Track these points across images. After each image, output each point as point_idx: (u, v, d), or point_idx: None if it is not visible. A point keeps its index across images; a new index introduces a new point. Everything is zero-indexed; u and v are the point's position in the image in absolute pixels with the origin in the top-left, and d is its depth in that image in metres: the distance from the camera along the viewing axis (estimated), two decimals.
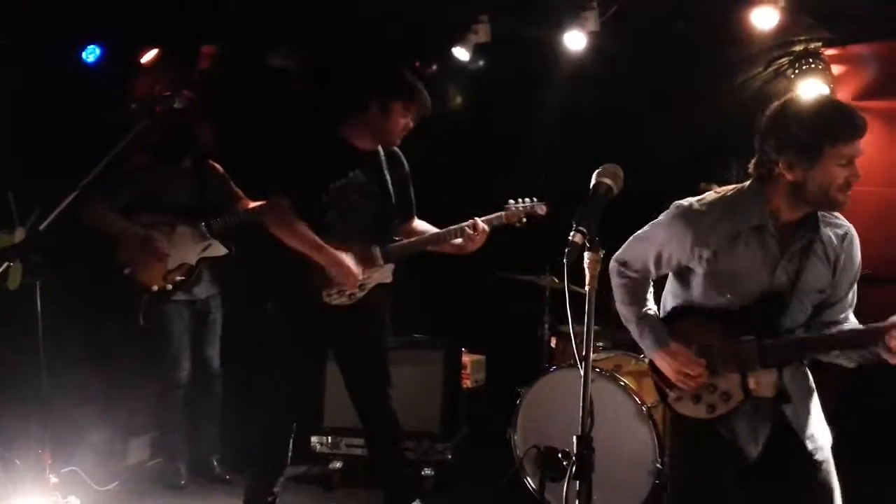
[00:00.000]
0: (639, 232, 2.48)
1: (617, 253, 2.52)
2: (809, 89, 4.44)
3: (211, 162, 4.27)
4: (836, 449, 2.37)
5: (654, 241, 2.41)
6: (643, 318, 2.48)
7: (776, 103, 2.28)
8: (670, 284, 2.51)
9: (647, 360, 3.96)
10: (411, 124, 3.36)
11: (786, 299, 2.30)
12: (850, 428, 2.44)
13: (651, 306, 2.53)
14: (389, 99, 3.27)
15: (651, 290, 2.56)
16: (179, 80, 4.88)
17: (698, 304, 2.39)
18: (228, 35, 4.99)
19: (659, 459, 3.55)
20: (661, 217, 2.43)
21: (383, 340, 3.54)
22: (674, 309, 2.48)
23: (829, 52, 4.58)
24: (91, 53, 5.01)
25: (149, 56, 5.03)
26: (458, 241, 3.39)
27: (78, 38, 4.98)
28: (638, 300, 2.51)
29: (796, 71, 4.55)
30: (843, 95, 4.51)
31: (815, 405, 2.39)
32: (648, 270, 2.47)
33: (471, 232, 3.36)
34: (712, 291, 2.33)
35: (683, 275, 2.43)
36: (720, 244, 2.28)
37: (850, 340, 2.25)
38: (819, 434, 2.35)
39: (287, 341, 3.41)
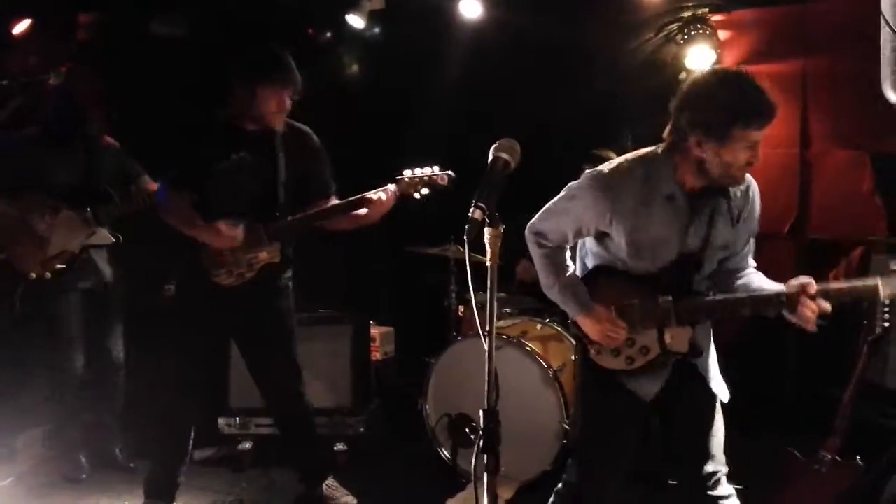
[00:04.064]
0: (554, 203, 2.50)
1: (533, 222, 2.55)
2: (698, 55, 4.59)
3: (105, 137, 4.00)
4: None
5: (572, 213, 2.45)
6: (566, 285, 2.53)
7: (695, 76, 2.35)
8: (590, 242, 2.56)
9: (553, 322, 4.10)
10: (287, 104, 3.20)
11: (699, 260, 2.42)
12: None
13: (571, 269, 2.58)
14: (253, 82, 3.12)
15: (568, 252, 2.61)
16: (56, 53, 4.58)
17: (617, 264, 2.48)
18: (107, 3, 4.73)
19: (566, 421, 3.64)
20: (576, 187, 2.45)
21: (284, 323, 3.45)
22: (595, 268, 2.55)
23: (716, 17, 4.73)
24: None
25: (21, 27, 4.70)
26: (363, 211, 3.24)
27: None
28: (558, 267, 2.55)
29: (685, 37, 4.68)
30: (730, 60, 4.67)
31: (714, 356, 2.56)
32: (567, 240, 2.53)
33: (373, 197, 3.19)
34: (631, 255, 2.41)
35: (602, 237, 2.48)
36: (636, 214, 2.35)
37: (758, 303, 2.38)
38: (719, 381, 2.53)
39: (183, 323, 3.34)
